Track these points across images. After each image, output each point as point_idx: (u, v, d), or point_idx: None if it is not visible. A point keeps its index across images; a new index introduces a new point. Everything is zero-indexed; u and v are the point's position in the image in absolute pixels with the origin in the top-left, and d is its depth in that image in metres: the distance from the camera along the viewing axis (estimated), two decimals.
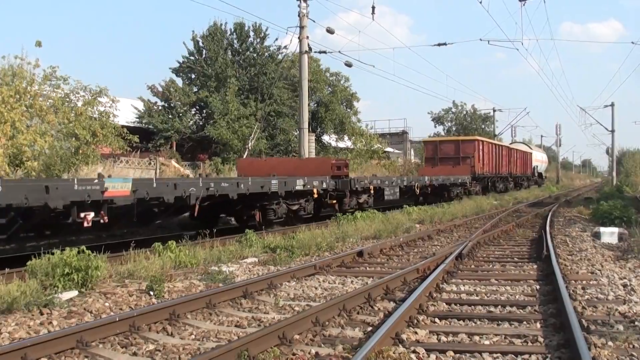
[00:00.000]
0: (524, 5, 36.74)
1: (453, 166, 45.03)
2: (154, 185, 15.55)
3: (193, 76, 52.62)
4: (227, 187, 18.20)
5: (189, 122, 50.05)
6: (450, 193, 39.72)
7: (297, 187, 21.76)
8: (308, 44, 32.51)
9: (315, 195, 23.48)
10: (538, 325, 8.87)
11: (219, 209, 20.88)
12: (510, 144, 74.92)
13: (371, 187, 27.68)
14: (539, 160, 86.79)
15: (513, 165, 63.01)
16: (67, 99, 27.18)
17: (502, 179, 58.06)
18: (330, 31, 34.04)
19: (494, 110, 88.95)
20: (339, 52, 36.28)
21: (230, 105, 46.74)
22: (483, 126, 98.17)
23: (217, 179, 20.13)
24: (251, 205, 20.36)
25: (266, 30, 53.63)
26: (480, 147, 48.65)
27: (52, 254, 11.43)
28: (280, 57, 53.11)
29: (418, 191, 34.07)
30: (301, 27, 32.15)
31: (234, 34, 53.37)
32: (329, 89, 61.85)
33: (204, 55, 51.75)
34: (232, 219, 23.54)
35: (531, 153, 77.38)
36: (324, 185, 23.95)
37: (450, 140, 52.83)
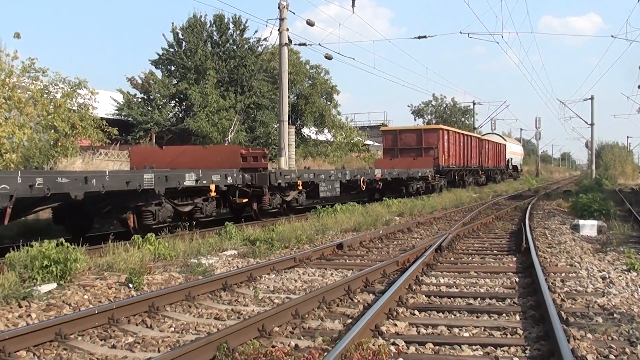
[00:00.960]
0: None
1: (414, 158, 40.85)
2: None
3: (172, 68, 52.45)
4: (67, 183, 13.44)
5: (169, 114, 49.94)
6: (408, 188, 35.96)
7: (187, 183, 17.67)
8: (288, 36, 32.42)
9: (213, 193, 19.25)
10: (517, 317, 8.90)
11: (91, 210, 16.80)
12: (483, 135, 70.16)
13: (299, 182, 23.87)
14: (514, 152, 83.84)
15: (484, 158, 59.01)
16: (46, 91, 26.92)
17: (472, 172, 54.43)
18: (310, 23, 33.98)
19: (474, 104, 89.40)
20: (319, 44, 36.77)
21: (210, 98, 46.68)
22: (463, 119, 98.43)
23: (49, 173, 14.38)
24: (122, 206, 16.38)
25: (246, 22, 53.54)
26: (445, 137, 44.71)
27: (31, 246, 11.37)
28: (260, 49, 53.00)
29: (364, 186, 29.96)
30: (281, 19, 32.05)
31: (214, 25, 53.21)
32: (309, 81, 61.86)
33: (183, 47, 51.55)
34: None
35: (505, 145, 74.14)
36: (229, 180, 19.92)
37: (412, 129, 47.44)
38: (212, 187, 19.02)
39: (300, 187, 24.20)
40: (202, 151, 24.01)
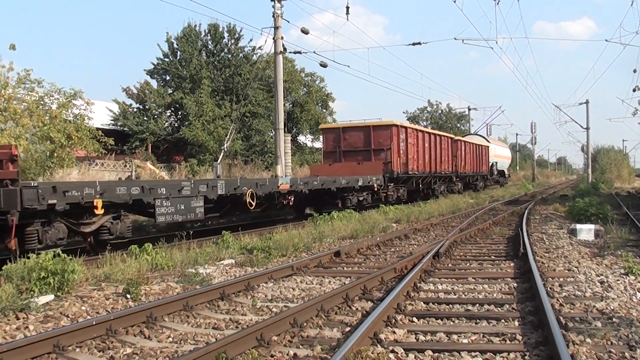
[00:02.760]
0: (498, 4, 36.80)
1: (359, 163, 33.78)
2: None
3: (168, 78, 52.54)
4: None
5: (164, 123, 50.00)
6: (345, 201, 28.34)
7: None
8: (283, 45, 32.45)
9: None
10: (516, 323, 8.89)
11: None
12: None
13: (96, 202, 14.66)
14: (500, 155, 75.00)
15: (460, 161, 49.97)
16: (42, 102, 27.00)
17: (443, 179, 45.97)
18: (305, 31, 33.99)
19: (469, 109, 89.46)
20: (314, 52, 36.33)
21: (205, 107, 46.71)
22: (458, 125, 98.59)
23: None
24: None
25: (240, 31, 53.70)
26: (402, 136, 35.64)
27: (28, 257, 11.35)
28: (255, 57, 53.11)
29: (253, 203, 20.69)
30: (276, 28, 32.07)
31: (208, 35, 53.35)
32: (305, 89, 61.87)
33: (178, 57, 51.65)
34: None
35: (488, 147, 65.10)
36: None
37: (358, 126, 36.53)
38: None
39: (98, 211, 14.86)
40: None
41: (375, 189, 31.56)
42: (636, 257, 14.78)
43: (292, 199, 24.30)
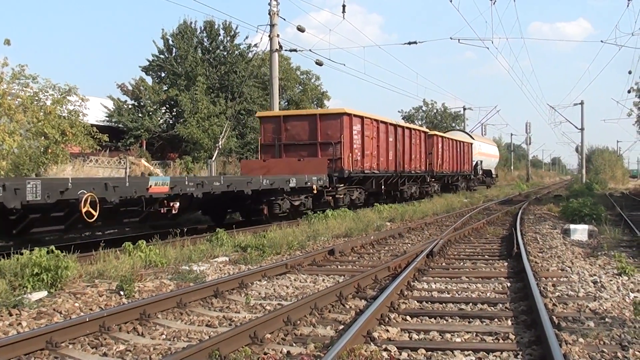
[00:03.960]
0: (494, 4, 36.57)
1: (299, 159, 27.82)
2: None
3: (163, 74, 52.51)
4: None
5: (159, 120, 49.98)
6: (272, 208, 23.03)
7: None
8: (279, 42, 32.53)
9: None
10: (509, 322, 8.90)
11: None
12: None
13: None
14: (486, 153, 69.66)
15: (436, 159, 44.52)
16: (36, 98, 26.91)
17: (413, 180, 40.50)
18: (301, 29, 34.05)
19: (464, 109, 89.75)
20: (310, 50, 36.32)
21: (200, 104, 46.65)
22: (454, 124, 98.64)
23: None
24: None
25: (236, 28, 53.62)
26: (356, 128, 29.76)
27: (21, 253, 11.33)
28: (250, 55, 53.03)
29: (95, 213, 14.01)
30: (272, 26, 32.14)
31: (204, 32, 53.29)
32: (300, 87, 61.88)
33: (173, 54, 51.63)
34: None
35: (471, 144, 59.47)
36: None
37: (302, 114, 31.31)
38: None
39: None
40: None
41: (315, 192, 25.58)
42: (629, 257, 14.83)
43: (177, 205, 17.76)
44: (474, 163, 60.20)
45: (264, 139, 30.36)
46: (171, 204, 17.66)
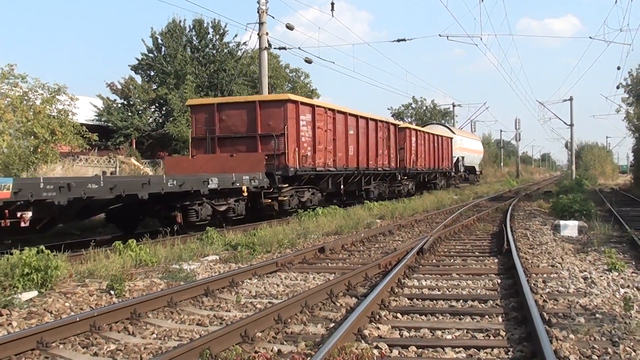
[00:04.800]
0: (482, 1, 36.74)
1: (231, 155, 24.05)
2: None
3: (152, 73, 52.43)
4: None
5: (149, 119, 49.91)
6: (187, 215, 18.95)
7: None
8: (268, 41, 32.46)
9: None
10: (500, 319, 8.92)
11: None
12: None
13: None
14: (468, 149, 65.35)
15: (409, 155, 40.55)
16: (26, 97, 26.85)
17: (381, 178, 36.57)
18: (289, 27, 34.03)
19: (454, 106, 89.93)
20: (299, 48, 36.47)
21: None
22: (443, 121, 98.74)
23: None
24: None
25: (225, 26, 53.54)
26: (304, 118, 25.90)
27: (11, 254, 11.30)
28: (239, 53, 53.01)
29: None
30: (260, 24, 32.08)
31: (193, 30, 53.21)
32: (289, 85, 61.94)
33: (163, 52, 51.54)
34: None
35: (451, 138, 55.13)
36: None
37: (239, 102, 26.86)
38: None
39: None
40: None
41: (245, 194, 21.74)
42: (619, 253, 14.88)
43: (29, 215, 13.60)
44: (454, 159, 56.20)
45: (195, 131, 26.19)
46: (19, 214, 13.35)
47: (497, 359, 7.10)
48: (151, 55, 51.89)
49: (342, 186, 30.82)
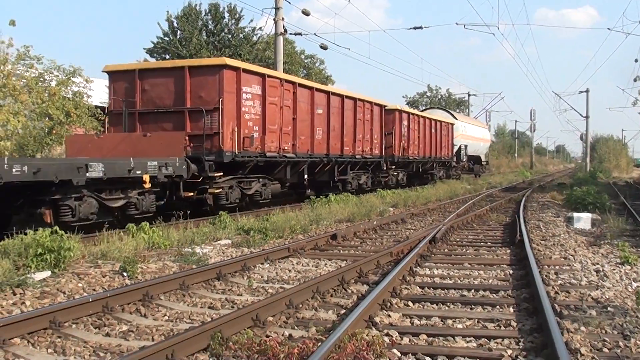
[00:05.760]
0: None
1: (144, 135, 19.38)
2: None
3: (167, 57, 52.32)
4: None
5: None
6: (59, 213, 14.28)
7: None
8: (283, 26, 32.36)
9: None
10: (511, 309, 8.90)
11: None
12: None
13: None
14: (472, 137, 59.37)
15: (398, 141, 35.77)
16: (41, 79, 26.87)
17: (360, 167, 31.52)
18: (306, 13, 33.98)
19: (469, 95, 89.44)
20: (315, 34, 36.11)
21: None
22: (458, 110, 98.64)
23: None
24: None
25: (241, 11, 53.38)
26: (252, 91, 21.14)
27: (25, 234, 11.36)
28: (255, 38, 52.91)
29: None
30: (276, 9, 31.98)
31: (209, 14, 53.10)
32: (304, 71, 61.78)
33: (178, 36, 51.45)
34: None
35: (452, 125, 49.58)
36: None
37: (166, 68, 21.73)
38: None
39: None
40: None
41: (147, 185, 16.65)
42: (632, 247, 14.79)
43: None
44: (456, 147, 51.14)
45: (113, 104, 21.33)
46: None
47: (508, 349, 7.08)
48: (167, 38, 51.82)
49: (305, 176, 26.04)
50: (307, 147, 25.23)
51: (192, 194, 19.09)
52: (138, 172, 16.14)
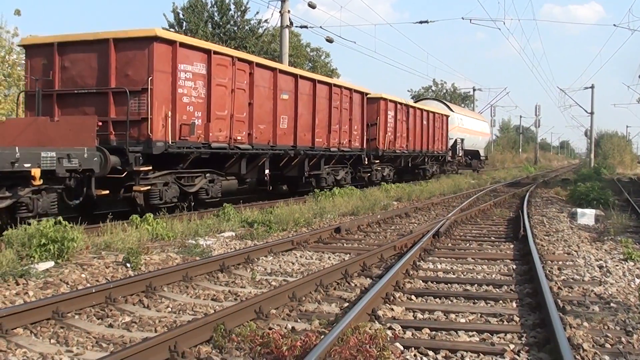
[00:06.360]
0: None
1: (52, 120, 15.77)
2: None
3: None
4: None
5: None
6: None
7: None
8: (289, 18, 32.33)
9: None
10: (514, 304, 8.91)
11: None
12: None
13: None
14: (470, 130, 56.01)
15: (383, 133, 32.53)
16: None
17: (336, 161, 28.19)
18: (312, 5, 33.88)
19: (474, 90, 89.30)
20: (321, 27, 36.37)
21: None
22: (463, 105, 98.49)
23: None
24: None
25: (247, 3, 53.21)
26: (193, 69, 17.88)
27: (29, 224, 11.36)
28: (261, 31, 52.84)
29: None
30: (283, 1, 31.95)
31: (215, 6, 53.01)
32: (310, 64, 61.74)
33: (184, 28, 51.38)
34: None
35: (447, 117, 46.29)
36: None
37: (89, 40, 17.26)
38: None
39: None
40: None
41: (38, 182, 13.17)
42: (636, 243, 14.78)
43: None
44: (451, 141, 48.48)
45: (30, 83, 18.17)
46: None
47: (511, 344, 7.08)
48: (172, 30, 51.80)
49: (267, 171, 22.54)
50: (267, 138, 21.88)
51: (106, 192, 15.95)
52: (26, 165, 12.77)
